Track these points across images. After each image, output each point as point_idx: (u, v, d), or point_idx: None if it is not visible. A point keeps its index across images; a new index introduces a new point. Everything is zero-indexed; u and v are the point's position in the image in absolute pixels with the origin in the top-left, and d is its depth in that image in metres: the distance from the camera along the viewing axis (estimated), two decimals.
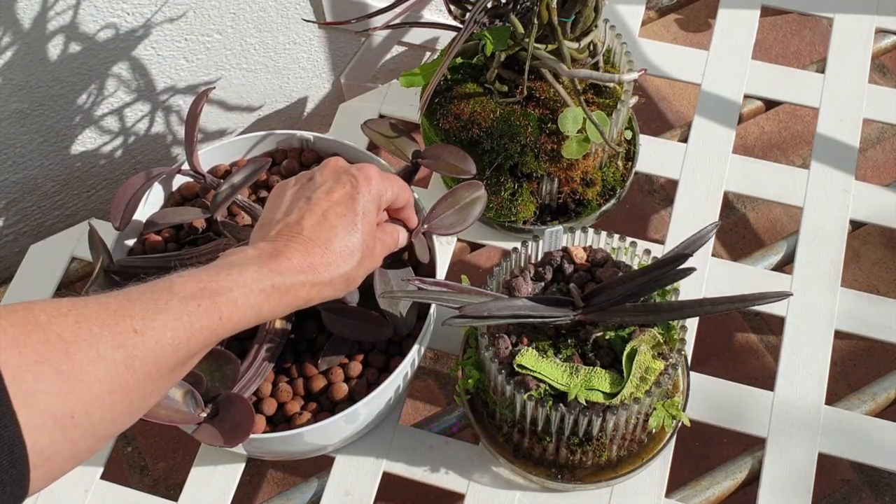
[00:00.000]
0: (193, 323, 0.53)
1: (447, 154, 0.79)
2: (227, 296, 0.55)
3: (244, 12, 0.99)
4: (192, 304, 0.53)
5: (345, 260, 0.62)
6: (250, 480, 1.10)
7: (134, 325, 0.50)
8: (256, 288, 0.57)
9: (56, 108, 0.95)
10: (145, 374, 0.50)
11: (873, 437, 0.79)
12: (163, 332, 0.51)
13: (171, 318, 0.52)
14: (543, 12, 0.73)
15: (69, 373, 0.46)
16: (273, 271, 0.58)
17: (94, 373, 0.47)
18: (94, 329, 0.48)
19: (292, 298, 0.59)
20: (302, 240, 0.61)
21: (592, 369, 0.67)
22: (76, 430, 0.47)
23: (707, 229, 0.68)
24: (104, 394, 0.48)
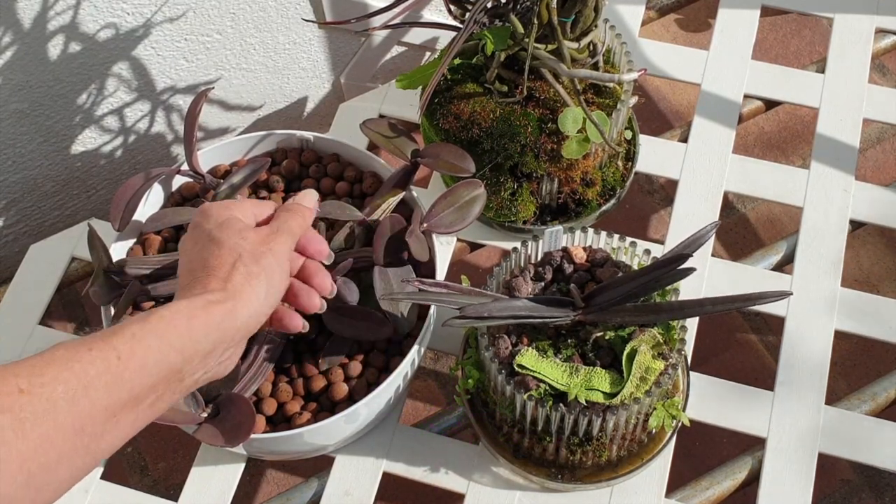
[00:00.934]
0: (87, 370, 0.47)
1: (446, 153, 0.79)
2: (121, 334, 0.50)
3: (244, 12, 0.99)
4: (82, 350, 0.48)
5: (232, 265, 0.58)
6: (250, 480, 1.10)
7: (20, 385, 0.45)
8: (153, 318, 0.52)
9: (56, 108, 0.95)
10: (41, 437, 0.44)
11: (873, 437, 0.79)
12: (53, 386, 0.45)
13: (60, 369, 0.46)
14: (543, 12, 0.73)
15: None
16: (168, 305, 0.54)
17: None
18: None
19: (203, 315, 0.54)
20: (185, 286, 0.58)
21: (592, 369, 0.67)
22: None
23: (707, 229, 0.68)
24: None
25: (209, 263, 0.58)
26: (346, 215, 0.76)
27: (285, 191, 0.84)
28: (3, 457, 0.43)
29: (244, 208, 0.65)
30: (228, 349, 0.57)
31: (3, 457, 0.43)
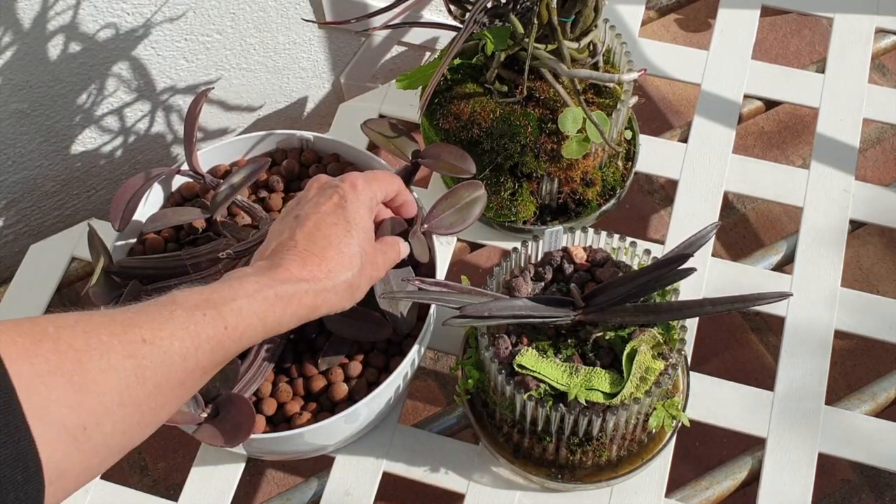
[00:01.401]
0: (200, 332, 0.52)
1: (447, 153, 0.79)
2: (231, 305, 0.55)
3: (244, 12, 0.99)
4: (198, 314, 0.53)
5: (344, 266, 0.62)
6: (250, 480, 1.10)
7: (143, 335, 0.49)
8: (259, 297, 0.57)
9: (56, 108, 0.95)
10: (155, 385, 0.50)
11: (873, 437, 0.79)
12: (170, 341, 0.51)
13: (177, 327, 0.51)
14: (543, 12, 0.73)
15: (81, 384, 0.46)
16: (274, 280, 0.58)
17: (105, 383, 0.47)
18: (104, 338, 0.48)
19: (296, 307, 0.59)
20: (297, 252, 0.61)
21: (592, 369, 0.67)
22: (88, 442, 0.46)
23: (707, 229, 0.68)
24: (115, 405, 0.47)
25: (328, 253, 0.62)
26: None
27: (285, 191, 0.84)
28: (126, 399, 0.48)
29: (384, 189, 0.69)
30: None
31: (125, 399, 0.48)
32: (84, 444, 0.46)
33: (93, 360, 0.47)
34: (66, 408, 0.45)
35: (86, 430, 0.46)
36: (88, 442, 0.46)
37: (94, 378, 0.46)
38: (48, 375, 0.45)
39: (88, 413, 0.46)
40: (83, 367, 0.46)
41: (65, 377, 0.45)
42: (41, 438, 0.43)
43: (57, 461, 0.44)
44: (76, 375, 0.46)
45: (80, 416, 0.46)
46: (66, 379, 0.45)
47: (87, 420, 0.46)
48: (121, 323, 0.49)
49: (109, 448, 0.48)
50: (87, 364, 0.46)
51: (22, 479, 0.42)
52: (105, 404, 0.47)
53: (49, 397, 0.44)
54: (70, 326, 0.47)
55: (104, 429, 0.47)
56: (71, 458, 0.45)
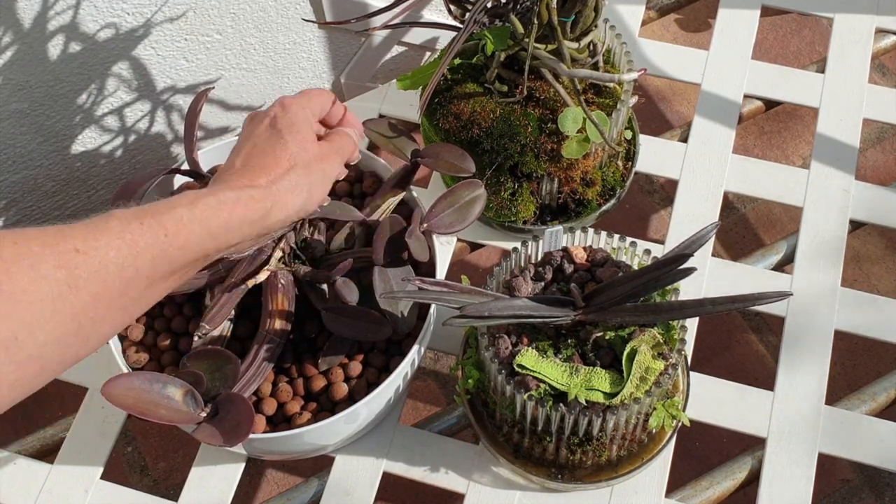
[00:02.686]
0: (137, 241, 0.52)
1: (446, 153, 0.79)
2: (170, 214, 0.55)
3: (244, 12, 0.99)
4: (135, 223, 0.53)
5: (284, 168, 0.63)
6: (250, 480, 1.10)
7: (76, 245, 0.49)
8: (200, 204, 0.57)
9: (56, 108, 0.95)
10: (91, 294, 0.49)
11: (873, 437, 0.79)
12: (105, 251, 0.50)
13: (113, 236, 0.51)
14: (543, 12, 0.73)
15: (10, 293, 0.46)
16: (214, 190, 0.59)
17: (36, 293, 0.47)
18: (35, 249, 0.48)
19: (243, 210, 0.59)
20: (236, 170, 0.63)
21: (592, 369, 0.67)
22: (21, 352, 0.46)
23: (707, 229, 0.68)
24: (47, 314, 0.47)
25: (265, 161, 0.63)
26: (346, 215, 0.76)
27: None
28: (59, 308, 0.48)
29: (316, 103, 0.70)
30: (252, 244, 0.62)
31: (58, 308, 0.48)
32: (16, 353, 0.46)
33: (22, 269, 0.47)
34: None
35: (17, 339, 0.46)
36: (21, 351, 0.46)
37: (23, 287, 0.46)
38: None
39: (19, 323, 0.46)
40: (12, 277, 0.46)
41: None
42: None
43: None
44: (5, 285, 0.46)
45: (10, 325, 0.46)
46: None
47: (18, 330, 0.46)
48: (53, 235, 0.49)
49: (45, 358, 0.48)
50: (16, 274, 0.46)
51: None
52: (36, 313, 0.47)
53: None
54: (1, 237, 0.48)
55: (37, 338, 0.47)
56: (3, 367, 0.46)
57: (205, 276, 0.74)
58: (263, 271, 0.73)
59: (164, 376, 0.65)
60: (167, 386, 0.65)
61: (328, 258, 0.75)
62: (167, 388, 0.65)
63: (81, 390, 0.84)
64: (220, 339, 0.73)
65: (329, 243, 0.77)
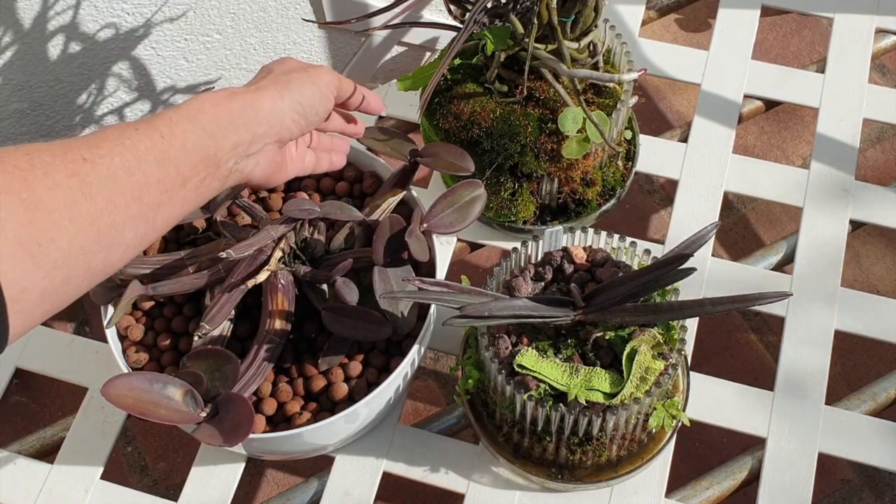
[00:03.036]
0: (137, 145, 0.53)
1: (445, 152, 0.79)
2: (160, 117, 0.56)
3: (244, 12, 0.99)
4: (130, 129, 0.54)
5: (263, 76, 0.65)
6: (250, 480, 1.10)
7: (82, 155, 0.51)
8: (185, 106, 0.58)
9: (56, 108, 0.95)
10: (106, 200, 0.51)
11: (873, 437, 0.79)
12: (110, 157, 0.52)
13: (114, 144, 0.53)
14: (543, 12, 0.73)
15: (29, 201, 0.47)
16: (200, 95, 0.61)
17: (52, 200, 0.48)
18: (46, 159, 0.49)
19: (228, 104, 0.60)
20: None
21: (592, 369, 0.67)
22: (46, 258, 0.47)
23: (707, 229, 0.68)
24: (66, 221, 0.48)
25: (251, 83, 0.65)
26: (346, 215, 0.76)
27: (284, 191, 0.84)
28: (76, 215, 0.49)
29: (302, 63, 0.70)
30: (255, 143, 0.62)
31: (75, 215, 0.49)
32: (42, 259, 0.47)
33: (38, 178, 0.48)
34: (18, 224, 0.46)
35: (40, 245, 0.47)
36: (46, 258, 0.47)
37: (40, 195, 0.47)
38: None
39: (40, 229, 0.47)
40: (29, 185, 0.47)
41: (13, 195, 0.46)
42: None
43: (16, 278, 0.46)
44: (24, 193, 0.47)
45: (32, 232, 0.47)
46: (15, 197, 0.46)
47: (41, 236, 0.47)
48: (60, 146, 0.51)
49: (71, 266, 0.49)
50: (33, 182, 0.47)
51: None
52: (55, 220, 0.48)
53: (0, 215, 0.45)
54: (11, 151, 0.49)
55: (60, 244, 0.48)
56: (30, 275, 0.46)
57: (205, 276, 0.74)
58: (263, 271, 0.73)
59: (164, 376, 0.65)
60: (167, 386, 0.65)
61: (328, 258, 0.75)
62: (167, 388, 0.65)
63: (81, 390, 0.84)
64: (220, 339, 0.73)
65: (329, 243, 0.77)
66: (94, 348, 0.84)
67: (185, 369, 0.67)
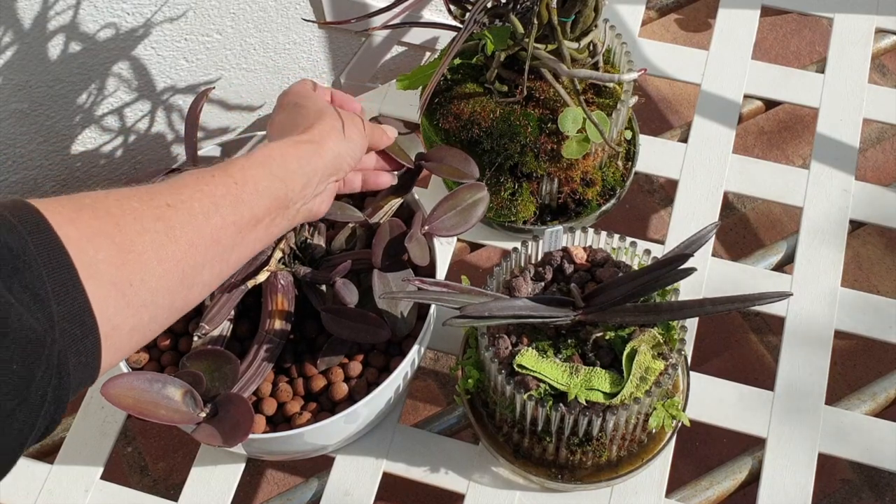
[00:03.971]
0: (214, 191, 0.57)
1: (450, 157, 0.79)
2: (232, 164, 0.60)
3: (244, 12, 0.99)
4: (207, 177, 0.58)
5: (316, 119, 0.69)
6: (250, 480, 1.10)
7: (166, 201, 0.54)
8: (255, 153, 0.63)
9: (56, 108, 0.95)
10: (188, 243, 0.54)
11: (873, 437, 0.79)
12: (190, 203, 0.55)
13: (193, 190, 0.56)
14: (543, 12, 0.73)
15: (122, 244, 0.50)
16: (264, 146, 0.65)
17: (142, 243, 0.51)
18: (135, 205, 0.53)
19: (294, 149, 0.64)
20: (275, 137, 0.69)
21: (592, 369, 0.67)
22: (136, 297, 0.50)
23: (707, 229, 0.68)
24: (154, 262, 0.52)
25: (297, 121, 0.69)
26: (346, 216, 0.76)
27: None
28: (163, 257, 0.52)
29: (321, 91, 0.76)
30: (321, 183, 0.66)
31: (162, 257, 0.52)
32: (132, 298, 0.50)
33: (128, 223, 0.51)
34: (113, 266, 0.49)
35: (132, 285, 0.50)
36: (136, 297, 0.50)
37: (131, 239, 0.51)
38: (93, 237, 0.49)
39: (132, 270, 0.50)
40: (122, 230, 0.51)
41: (108, 238, 0.50)
42: (94, 295, 0.47)
43: (109, 316, 0.49)
44: (117, 237, 0.50)
45: (124, 273, 0.50)
46: (109, 240, 0.50)
47: (132, 276, 0.50)
48: (145, 192, 0.55)
49: (157, 304, 0.52)
50: (125, 227, 0.51)
51: (80, 334, 0.47)
52: (145, 262, 0.51)
53: (97, 257, 0.49)
54: (103, 197, 0.52)
55: (149, 285, 0.51)
56: (122, 312, 0.50)
57: None
58: (263, 272, 0.73)
59: (163, 376, 0.65)
60: (167, 386, 0.65)
61: (328, 259, 0.75)
62: (167, 388, 0.65)
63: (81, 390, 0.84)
64: (220, 339, 0.73)
65: (329, 244, 0.77)
66: None
67: (184, 369, 0.67)
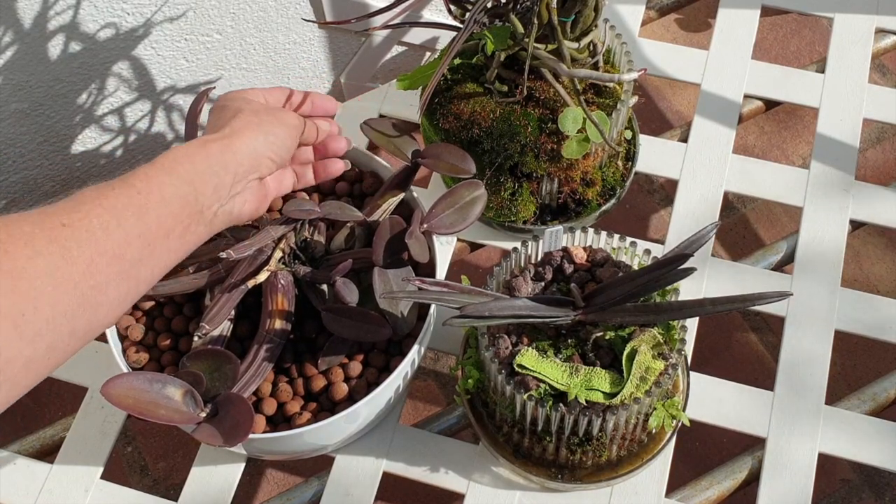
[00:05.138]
0: (114, 203, 0.54)
1: (447, 154, 0.79)
2: (135, 173, 0.57)
3: (244, 12, 0.99)
4: (107, 189, 0.55)
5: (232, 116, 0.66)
6: (250, 480, 1.10)
7: (61, 220, 0.52)
8: (160, 158, 0.59)
9: (56, 108, 0.95)
10: (86, 262, 0.51)
11: (873, 437, 0.79)
12: (88, 219, 0.53)
13: (91, 205, 0.54)
14: (543, 12, 0.73)
15: (10, 270, 0.48)
16: (175, 147, 0.62)
17: (34, 269, 0.49)
18: (26, 229, 0.50)
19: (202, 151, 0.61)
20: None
21: (592, 369, 0.67)
22: (29, 327, 0.48)
23: (707, 229, 0.68)
24: (49, 288, 0.49)
25: (216, 124, 0.66)
26: (346, 215, 0.75)
27: None
28: (58, 281, 0.50)
29: (256, 94, 0.72)
30: (238, 182, 0.63)
31: (57, 281, 0.50)
32: (25, 329, 0.48)
33: (18, 248, 0.49)
34: (1, 295, 0.47)
35: (24, 315, 0.48)
36: (30, 327, 0.48)
37: (22, 265, 0.48)
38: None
39: (23, 298, 0.48)
40: (10, 256, 0.48)
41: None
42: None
43: (0, 349, 0.46)
44: (5, 264, 0.48)
45: (15, 301, 0.48)
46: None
47: (24, 306, 0.48)
48: (38, 214, 0.52)
49: (55, 332, 0.50)
50: (14, 253, 0.49)
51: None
52: (38, 288, 0.49)
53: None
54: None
55: (43, 313, 0.49)
56: (14, 344, 0.47)
57: (205, 276, 0.74)
58: (263, 271, 0.73)
59: (163, 376, 0.65)
60: (167, 386, 0.65)
61: (328, 258, 0.75)
62: (167, 388, 0.65)
63: (81, 390, 0.84)
64: (220, 339, 0.73)
65: (329, 243, 0.77)
66: (93, 348, 0.84)
67: (184, 369, 0.67)
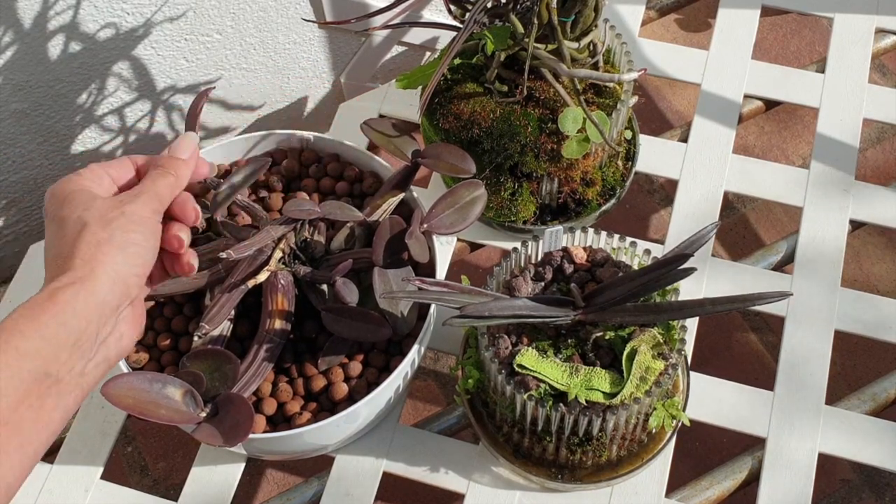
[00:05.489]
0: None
1: (447, 153, 0.79)
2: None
3: (244, 12, 0.99)
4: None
5: (76, 237, 0.55)
6: (250, 480, 1.10)
7: None
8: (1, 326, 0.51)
9: (56, 108, 0.95)
10: None
11: (873, 437, 0.79)
12: None
13: None
14: (543, 12, 0.73)
15: None
16: (14, 310, 0.52)
17: None
18: None
19: (51, 311, 0.51)
20: (46, 271, 0.57)
21: (592, 369, 0.67)
22: None
23: (707, 229, 0.68)
24: None
25: (58, 248, 0.55)
26: (346, 215, 0.75)
27: (285, 191, 0.84)
28: None
29: (95, 175, 0.60)
30: (106, 325, 0.54)
31: None
32: None
33: None
34: None
35: None
36: None
37: None
38: None
39: None
40: None
41: None
42: None
43: None
44: None
45: None
46: None
47: None
48: None
49: None
50: None
51: None
52: None
53: None
54: None
55: None
56: None
57: (205, 276, 0.74)
58: (263, 271, 0.73)
59: (163, 376, 0.65)
60: (167, 386, 0.65)
61: (328, 258, 0.75)
62: (167, 388, 0.65)
63: None
64: (220, 339, 0.73)
65: (329, 243, 0.77)
66: None
67: (184, 369, 0.67)
